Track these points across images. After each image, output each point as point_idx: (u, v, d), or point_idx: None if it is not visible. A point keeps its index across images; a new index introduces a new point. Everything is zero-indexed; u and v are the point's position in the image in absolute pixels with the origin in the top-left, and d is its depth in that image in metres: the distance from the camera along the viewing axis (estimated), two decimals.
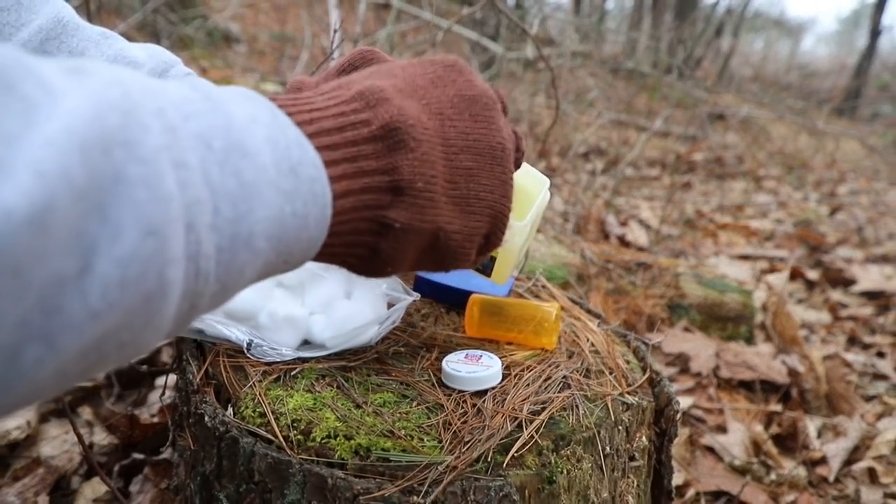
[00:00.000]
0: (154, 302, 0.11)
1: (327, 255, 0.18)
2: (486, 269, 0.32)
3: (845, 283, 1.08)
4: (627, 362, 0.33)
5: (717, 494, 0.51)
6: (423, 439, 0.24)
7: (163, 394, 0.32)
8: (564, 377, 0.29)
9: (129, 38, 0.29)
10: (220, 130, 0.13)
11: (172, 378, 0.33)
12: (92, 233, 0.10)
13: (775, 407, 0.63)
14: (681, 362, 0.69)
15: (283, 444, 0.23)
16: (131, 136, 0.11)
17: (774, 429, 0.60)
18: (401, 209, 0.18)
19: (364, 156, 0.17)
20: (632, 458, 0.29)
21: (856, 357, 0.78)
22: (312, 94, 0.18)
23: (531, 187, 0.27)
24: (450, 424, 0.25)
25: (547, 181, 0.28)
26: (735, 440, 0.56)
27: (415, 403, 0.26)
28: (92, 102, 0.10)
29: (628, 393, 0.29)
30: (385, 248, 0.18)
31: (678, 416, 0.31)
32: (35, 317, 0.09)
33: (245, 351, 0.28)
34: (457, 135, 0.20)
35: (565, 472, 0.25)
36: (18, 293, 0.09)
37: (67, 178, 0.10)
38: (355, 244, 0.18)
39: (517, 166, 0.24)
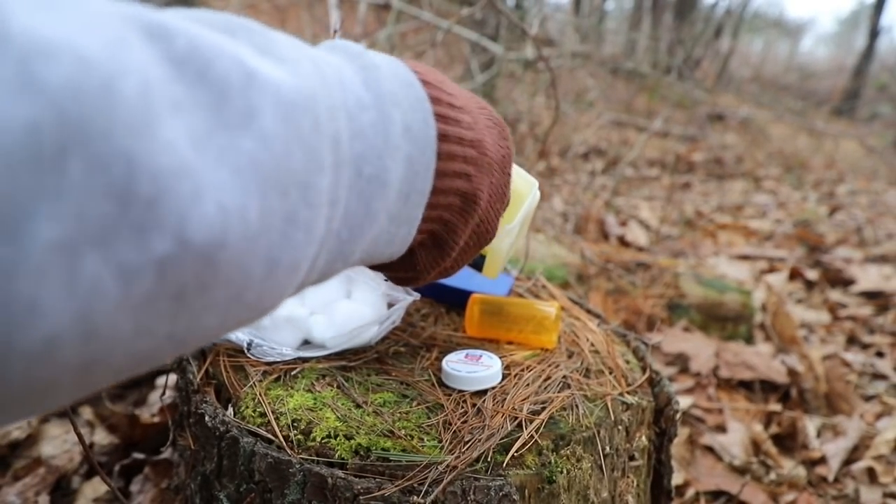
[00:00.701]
0: (291, 277, 0.12)
1: None
2: (478, 266, 0.33)
3: (844, 283, 1.08)
4: (627, 362, 0.33)
5: (717, 494, 0.51)
6: (423, 439, 0.24)
7: (163, 393, 0.32)
8: (564, 377, 0.29)
9: None
10: (374, 153, 0.13)
11: (173, 378, 0.33)
12: (253, 272, 0.10)
13: (775, 406, 0.63)
14: (680, 362, 0.69)
15: (284, 443, 0.24)
16: (308, 178, 0.11)
17: (774, 428, 0.60)
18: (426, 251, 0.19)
19: (460, 176, 0.17)
20: (631, 458, 0.29)
21: (855, 357, 0.78)
22: (463, 103, 0.18)
23: (521, 189, 0.28)
24: (450, 424, 0.25)
25: (535, 182, 0.29)
26: (734, 440, 0.57)
27: (415, 403, 0.27)
28: (284, 129, 0.10)
29: (628, 393, 0.29)
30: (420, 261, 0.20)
31: (678, 415, 0.31)
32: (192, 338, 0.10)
33: (245, 351, 0.28)
34: (501, 158, 0.20)
35: (565, 471, 0.25)
36: (174, 319, 0.09)
37: (244, 220, 0.10)
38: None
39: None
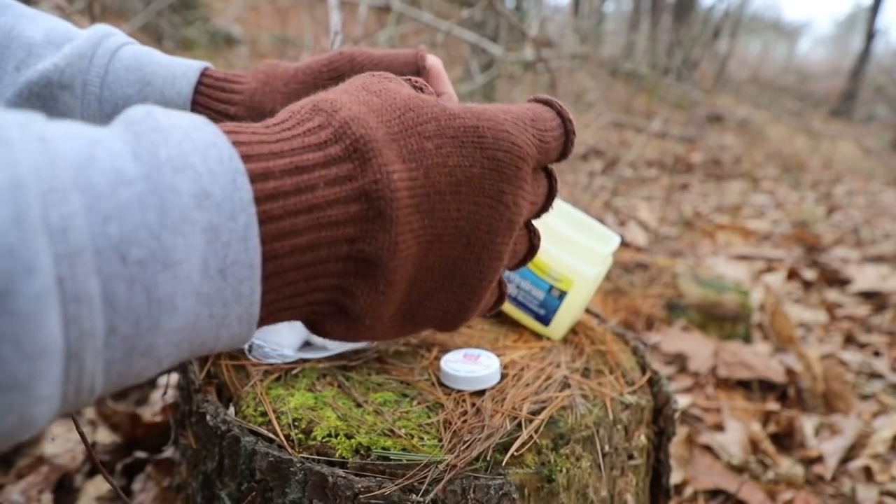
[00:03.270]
0: (17, 431, 0.10)
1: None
2: (545, 321, 0.31)
3: (842, 282, 1.08)
4: (626, 362, 0.33)
5: (715, 492, 0.51)
6: (423, 438, 0.24)
7: (164, 393, 0.32)
8: (564, 377, 0.29)
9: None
10: (145, 233, 0.10)
11: (174, 377, 0.33)
12: None
13: (772, 406, 0.63)
14: (679, 362, 0.69)
15: (285, 442, 0.24)
16: (9, 285, 0.08)
17: (772, 427, 0.60)
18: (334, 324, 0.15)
19: (328, 242, 0.13)
20: (630, 457, 0.29)
21: (852, 356, 0.79)
22: (296, 141, 0.14)
23: (598, 249, 0.26)
24: (450, 423, 0.25)
25: (617, 239, 0.27)
26: (733, 439, 0.57)
27: (415, 402, 0.27)
28: None
29: (627, 392, 0.29)
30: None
31: (676, 414, 0.31)
32: None
33: (246, 353, 0.28)
34: (445, 230, 0.15)
35: (564, 470, 0.25)
36: None
37: None
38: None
39: (541, 211, 0.18)
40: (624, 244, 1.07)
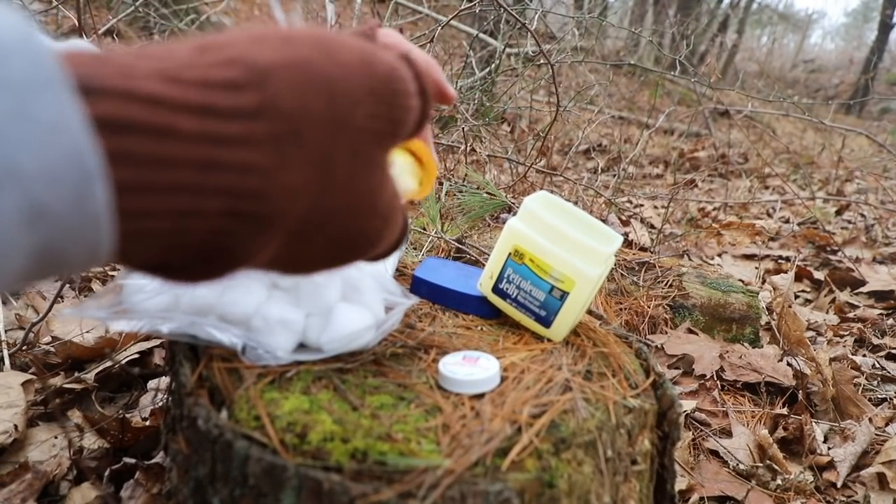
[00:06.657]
0: None
1: None
2: (546, 322, 0.30)
3: (853, 283, 1.06)
4: (629, 364, 0.32)
5: (722, 499, 0.50)
6: (420, 442, 0.24)
7: (155, 396, 0.32)
8: (565, 380, 0.29)
9: (121, 33, 0.25)
10: None
11: (165, 380, 0.33)
12: None
13: (781, 410, 0.62)
14: (684, 364, 0.68)
15: (279, 447, 0.23)
16: None
17: (780, 432, 0.59)
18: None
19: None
20: (634, 462, 0.28)
21: (864, 359, 0.77)
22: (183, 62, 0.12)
23: (600, 248, 0.26)
24: (448, 427, 0.25)
25: (620, 239, 0.27)
26: (739, 444, 0.56)
27: (413, 406, 0.26)
28: None
29: (630, 396, 0.29)
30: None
31: (681, 418, 0.30)
32: None
33: (239, 355, 0.28)
34: (325, 216, 0.15)
35: (566, 476, 0.24)
36: None
37: None
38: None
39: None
40: (627, 243, 1.06)
